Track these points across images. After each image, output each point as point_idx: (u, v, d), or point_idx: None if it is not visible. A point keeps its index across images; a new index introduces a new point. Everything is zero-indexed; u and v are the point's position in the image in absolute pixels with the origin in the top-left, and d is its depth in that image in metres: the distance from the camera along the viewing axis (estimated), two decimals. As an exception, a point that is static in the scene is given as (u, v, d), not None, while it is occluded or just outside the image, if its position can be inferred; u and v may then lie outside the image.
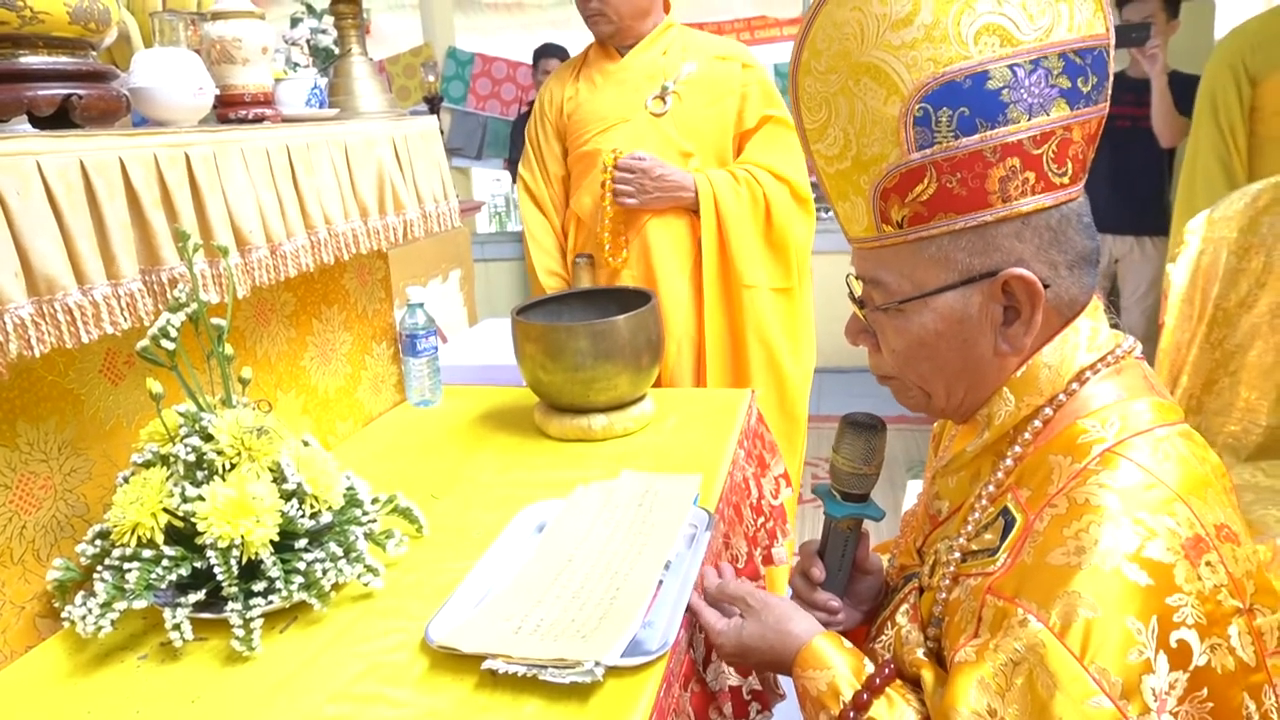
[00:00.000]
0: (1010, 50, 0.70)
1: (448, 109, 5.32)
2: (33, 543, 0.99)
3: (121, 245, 0.96)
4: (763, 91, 2.08)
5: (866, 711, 0.77)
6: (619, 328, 1.42)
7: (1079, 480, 0.70)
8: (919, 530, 0.92)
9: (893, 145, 0.73)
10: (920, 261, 0.77)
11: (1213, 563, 0.65)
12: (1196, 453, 0.72)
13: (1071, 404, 0.76)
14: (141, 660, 0.95)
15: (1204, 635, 0.63)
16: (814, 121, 0.79)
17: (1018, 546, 0.71)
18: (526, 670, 0.85)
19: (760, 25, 6.16)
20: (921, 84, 0.70)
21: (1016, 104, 0.70)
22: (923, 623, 0.82)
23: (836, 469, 0.93)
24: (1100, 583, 0.64)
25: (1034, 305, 0.74)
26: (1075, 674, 0.62)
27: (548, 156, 2.16)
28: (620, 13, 2.00)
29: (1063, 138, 0.72)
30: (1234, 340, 2.07)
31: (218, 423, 1.00)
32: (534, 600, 0.98)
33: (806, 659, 0.84)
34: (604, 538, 1.11)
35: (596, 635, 0.90)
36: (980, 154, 0.71)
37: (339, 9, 1.57)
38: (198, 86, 1.16)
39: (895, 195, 0.75)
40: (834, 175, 0.80)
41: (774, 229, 2.04)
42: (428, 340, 1.70)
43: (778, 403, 2.09)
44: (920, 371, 0.82)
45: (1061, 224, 0.74)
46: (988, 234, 0.74)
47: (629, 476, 1.29)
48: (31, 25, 0.93)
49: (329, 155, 1.31)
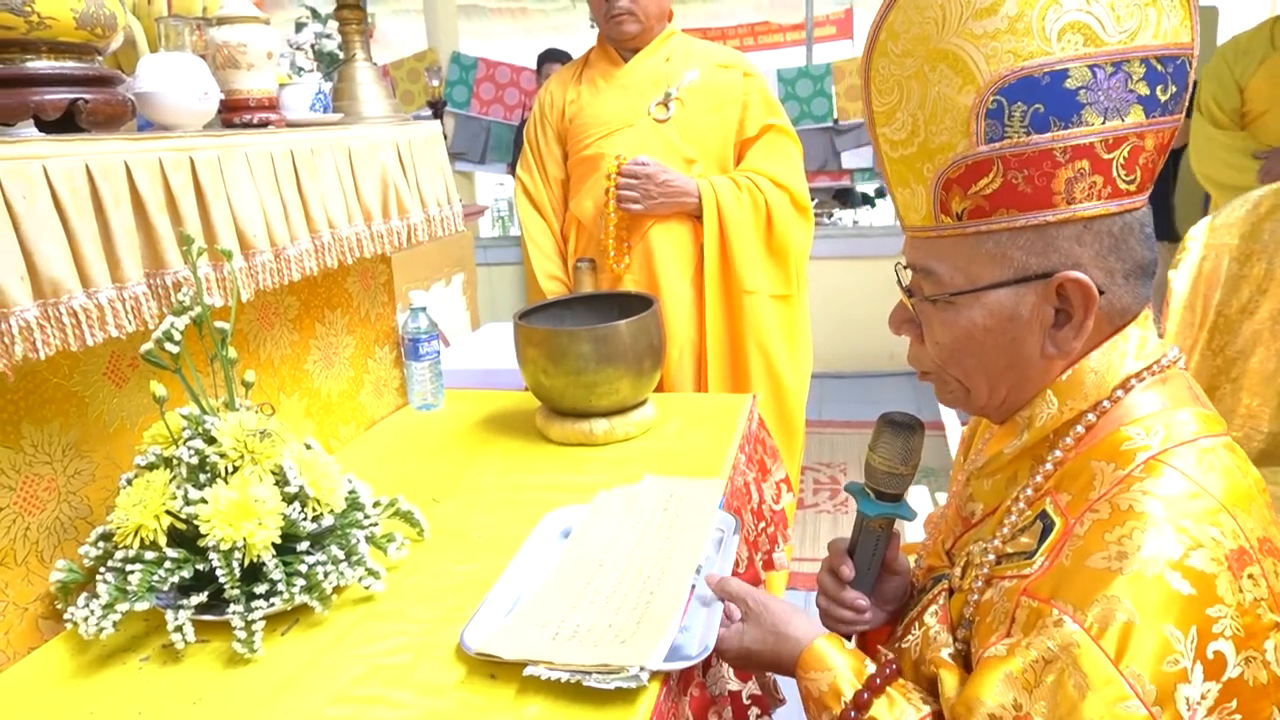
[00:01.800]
0: (1093, 50, 0.68)
1: (451, 113, 5.33)
2: (36, 544, 1.00)
3: (126, 249, 0.97)
4: (764, 100, 2.09)
5: (867, 711, 0.78)
6: (621, 332, 1.43)
7: (1122, 486, 0.69)
8: (949, 532, 0.91)
9: (962, 135, 0.72)
10: (976, 256, 0.76)
11: (1255, 576, 0.65)
12: (1240, 465, 0.72)
13: (1115, 411, 0.75)
14: (143, 662, 0.95)
15: (1240, 648, 0.63)
16: (883, 104, 0.77)
17: (1056, 550, 0.70)
18: (570, 676, 0.85)
19: (764, 31, 6.17)
20: (999, 76, 0.69)
21: (1093, 105, 0.69)
22: (952, 624, 0.82)
23: (872, 468, 0.92)
24: (1141, 589, 0.63)
25: (1087, 310, 0.73)
26: (1109, 676, 0.62)
27: (548, 160, 2.17)
28: (649, 12, 2.01)
29: (1135, 145, 0.71)
30: (1235, 347, 2.07)
31: (221, 426, 1.00)
32: (568, 606, 0.98)
33: (808, 661, 0.84)
34: (632, 542, 1.11)
35: (636, 640, 0.90)
36: (1050, 153, 0.70)
37: (343, 14, 1.58)
38: (203, 91, 1.17)
39: (958, 186, 0.74)
40: (897, 160, 0.78)
41: (774, 235, 2.05)
42: (430, 344, 1.71)
43: (776, 409, 2.10)
44: (964, 367, 0.81)
45: (1124, 232, 0.73)
46: (1048, 234, 0.73)
47: (651, 481, 1.29)
48: (38, 30, 0.94)
49: (333, 159, 1.32)
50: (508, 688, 0.88)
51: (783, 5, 7.06)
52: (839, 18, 6.16)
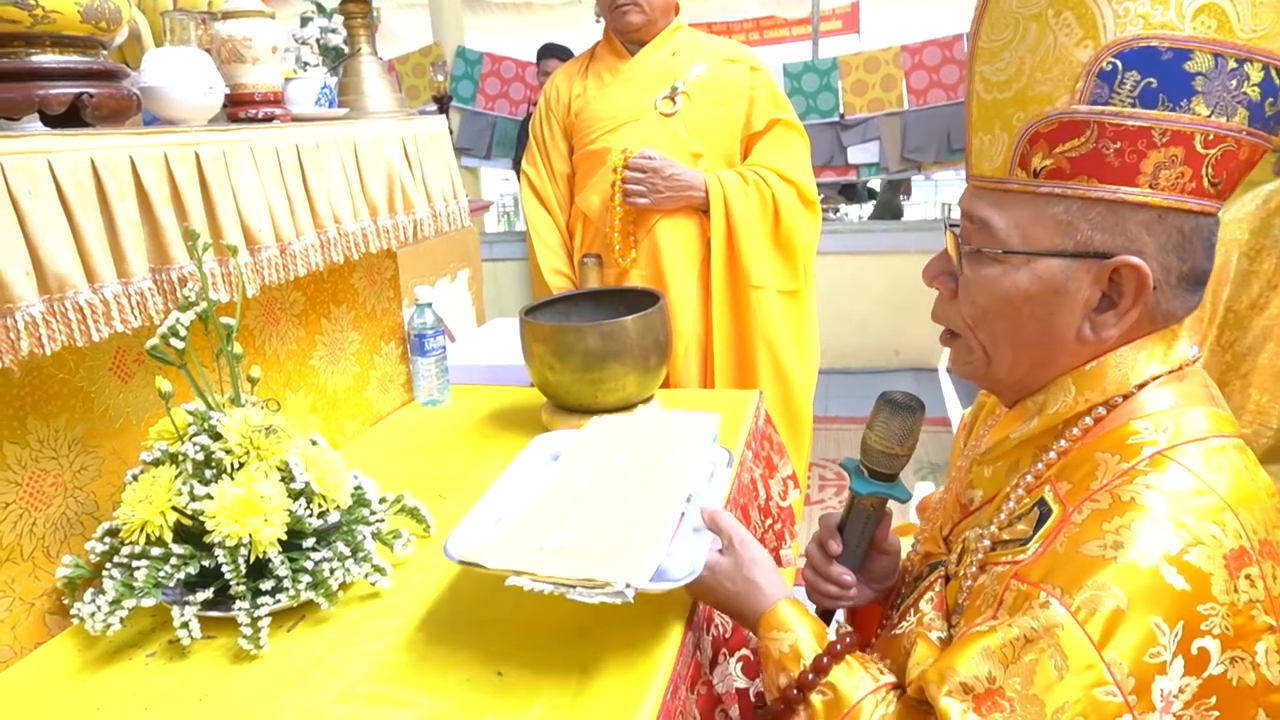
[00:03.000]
0: (1222, 39, 0.66)
1: (456, 108, 5.33)
2: (43, 540, 1.00)
3: (132, 244, 0.96)
4: (771, 94, 2.08)
5: (826, 675, 0.79)
6: (627, 328, 1.42)
7: (1125, 479, 0.69)
8: (947, 518, 0.91)
9: (1065, 90, 0.69)
10: (1041, 218, 0.73)
11: (1253, 577, 0.65)
12: (1249, 467, 0.71)
13: (1127, 405, 0.74)
14: (150, 658, 0.95)
15: (1227, 646, 0.63)
16: (993, 40, 0.74)
17: (1051, 536, 0.70)
18: (554, 589, 0.84)
19: (769, 25, 6.16)
20: (1122, 39, 0.67)
21: (1206, 95, 0.67)
22: (947, 611, 0.81)
23: (868, 446, 0.91)
24: (1134, 579, 0.63)
25: (1136, 300, 0.72)
26: (1090, 660, 0.62)
27: (553, 154, 2.16)
28: (654, 5, 2.00)
29: (1231, 149, 0.69)
30: (1245, 343, 2.06)
31: (226, 421, 1.00)
32: (556, 524, 0.97)
33: (770, 621, 0.85)
34: (623, 468, 1.11)
35: (623, 559, 0.89)
36: (1149, 131, 0.68)
37: (349, 8, 1.58)
38: (208, 85, 1.17)
39: (1045, 142, 0.71)
40: (988, 103, 0.75)
41: (782, 230, 2.04)
42: (436, 340, 1.70)
43: (783, 405, 2.09)
44: (993, 332, 0.79)
45: (1193, 233, 0.72)
46: (1121, 214, 0.71)
47: (646, 412, 1.28)
48: (43, 24, 0.94)
49: (338, 155, 1.31)
50: (514, 686, 0.87)
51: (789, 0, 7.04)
52: (845, 12, 6.14)
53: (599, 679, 0.88)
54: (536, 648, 0.93)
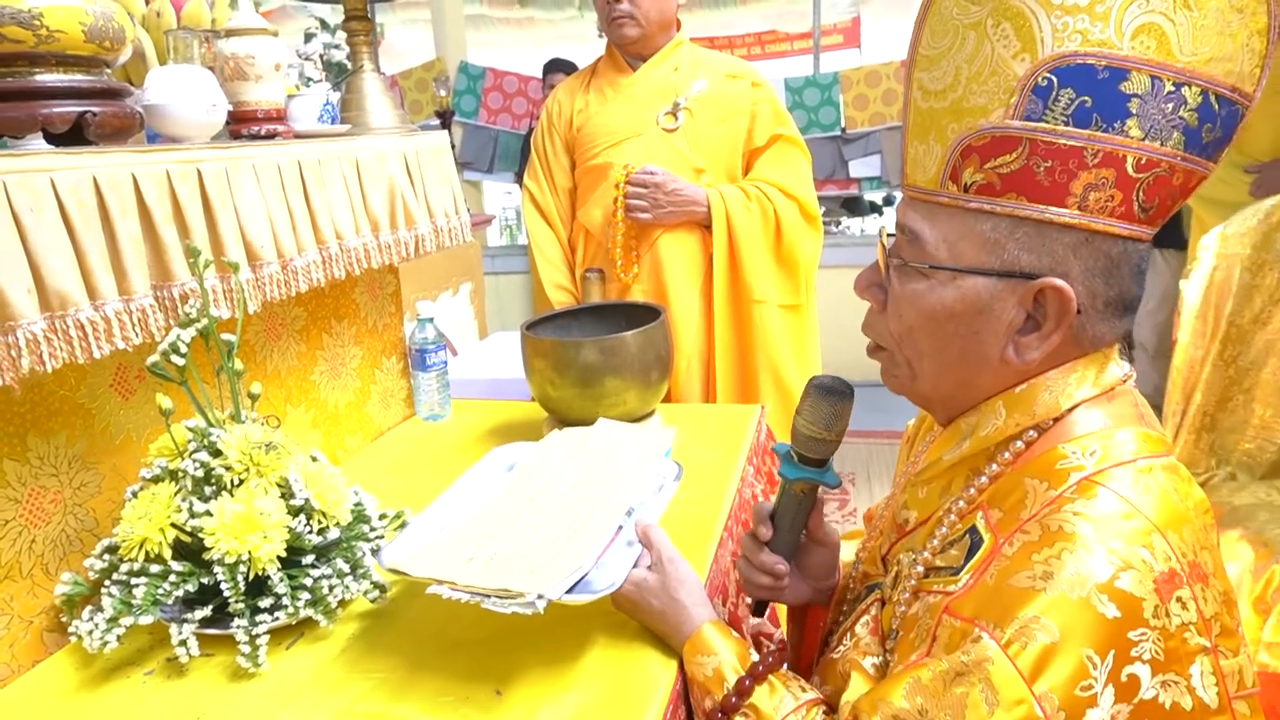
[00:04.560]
0: (1161, 60, 0.65)
1: (459, 123, 5.35)
2: (41, 557, 1.00)
3: (133, 261, 0.97)
4: (772, 110, 2.09)
5: (749, 697, 0.81)
6: (628, 343, 1.42)
7: (1053, 507, 0.68)
8: (885, 537, 0.90)
9: (1000, 104, 0.68)
10: (969, 233, 0.72)
11: (1184, 599, 0.64)
12: (1180, 488, 0.70)
13: (1056, 428, 0.73)
14: (148, 676, 0.94)
15: (1158, 670, 0.62)
16: (931, 48, 0.73)
17: (981, 568, 0.69)
18: (470, 598, 0.86)
19: (771, 40, 6.18)
20: (1060, 54, 0.66)
21: (1141, 117, 0.66)
22: (882, 635, 0.81)
23: (796, 430, 0.90)
24: (1065, 610, 0.62)
25: (1059, 323, 0.71)
26: (1019, 695, 0.61)
27: (555, 169, 2.16)
28: (649, 17, 2.00)
29: (1164, 175, 0.68)
30: (1248, 357, 2.05)
31: (226, 438, 1.00)
32: (490, 535, 0.99)
33: (696, 645, 0.88)
34: (571, 482, 1.12)
35: (546, 570, 0.90)
36: (1080, 151, 0.67)
37: (351, 25, 1.59)
38: (211, 103, 1.17)
39: (977, 156, 0.70)
40: (924, 112, 0.74)
41: (784, 245, 2.04)
42: (437, 355, 1.70)
43: (785, 420, 2.08)
44: (918, 347, 0.78)
45: (1121, 258, 0.71)
46: (1047, 235, 0.70)
47: (604, 424, 1.28)
48: (47, 43, 0.94)
49: (340, 171, 1.32)
50: (512, 705, 0.87)
51: (790, 14, 7.08)
52: (846, 27, 6.16)
53: (597, 698, 0.87)
54: (535, 666, 0.92)
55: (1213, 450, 2.09)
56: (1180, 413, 2.13)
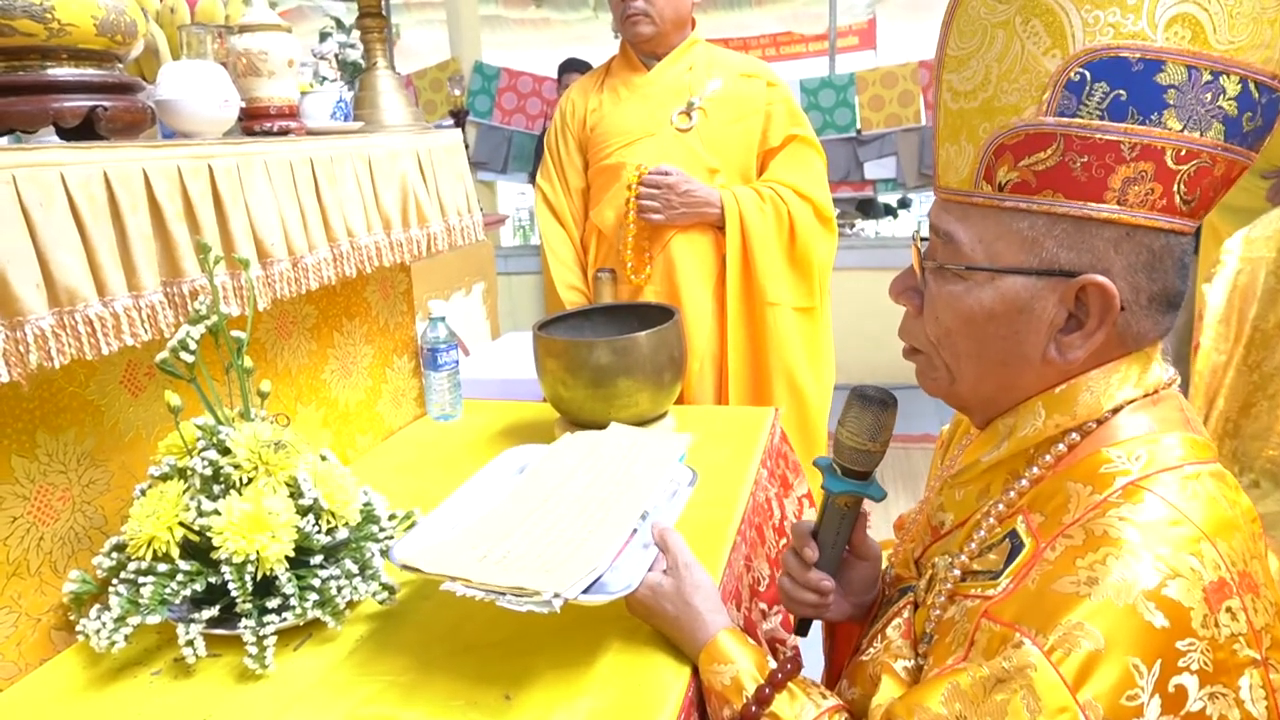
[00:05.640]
0: (1196, 50, 0.63)
1: (473, 123, 5.36)
2: (50, 554, 0.99)
3: (143, 257, 0.96)
4: (787, 110, 2.07)
5: (769, 706, 0.79)
6: (641, 344, 1.41)
7: (1098, 511, 0.66)
8: (918, 540, 0.88)
9: (1031, 101, 0.67)
10: (1005, 233, 0.71)
11: (1234, 609, 0.62)
12: (1227, 495, 0.68)
13: (1100, 432, 0.71)
14: (155, 676, 0.94)
15: (1206, 682, 0.60)
16: (960, 48, 0.72)
17: (1023, 573, 0.67)
18: (484, 595, 0.85)
19: (786, 41, 6.16)
20: (1091, 48, 0.64)
21: (1178, 109, 0.64)
22: (914, 639, 0.79)
23: (840, 442, 0.88)
24: (1110, 617, 0.60)
25: (1102, 321, 0.69)
26: (1063, 703, 0.59)
27: (568, 169, 2.15)
28: (664, 15, 1.98)
29: (1205, 165, 0.66)
30: (1272, 363, 2.01)
31: (235, 436, 0.99)
32: (503, 534, 0.98)
33: (711, 653, 0.86)
34: (584, 484, 1.11)
35: (560, 570, 0.89)
36: (1117, 145, 0.65)
37: (365, 23, 1.58)
38: (223, 99, 1.16)
39: (1011, 155, 0.69)
40: (955, 113, 0.73)
41: (798, 247, 2.02)
42: (449, 354, 1.69)
43: (798, 423, 2.07)
44: (956, 351, 0.77)
45: (1164, 252, 0.69)
46: (1087, 230, 0.68)
47: (617, 429, 1.27)
48: (59, 37, 0.94)
49: (352, 168, 1.31)
50: (521, 709, 0.86)
51: (805, 16, 7.05)
52: (862, 28, 6.14)
53: (609, 704, 0.86)
54: (546, 671, 0.91)
55: (1235, 457, 2.05)
56: (1203, 418, 2.09)
